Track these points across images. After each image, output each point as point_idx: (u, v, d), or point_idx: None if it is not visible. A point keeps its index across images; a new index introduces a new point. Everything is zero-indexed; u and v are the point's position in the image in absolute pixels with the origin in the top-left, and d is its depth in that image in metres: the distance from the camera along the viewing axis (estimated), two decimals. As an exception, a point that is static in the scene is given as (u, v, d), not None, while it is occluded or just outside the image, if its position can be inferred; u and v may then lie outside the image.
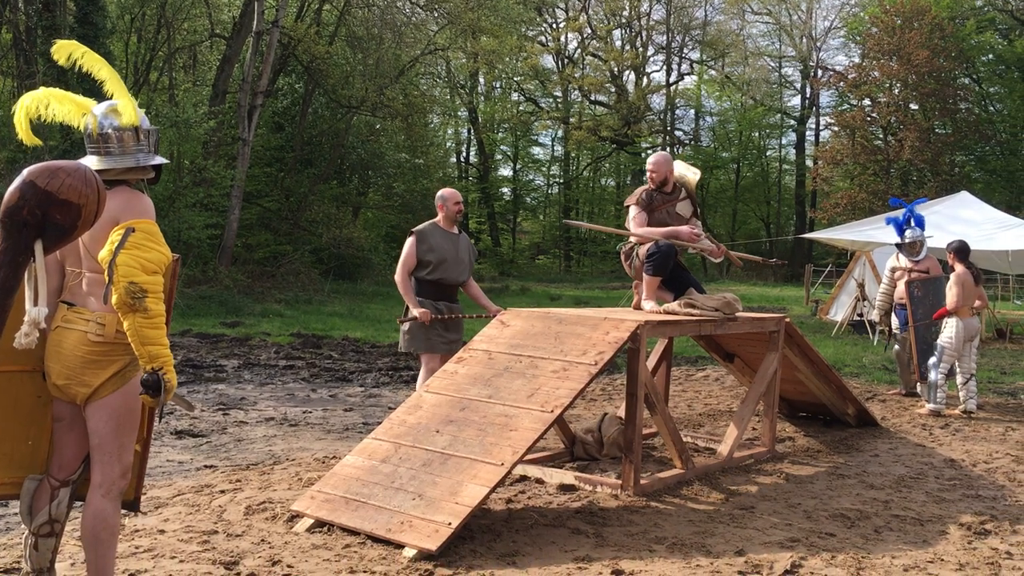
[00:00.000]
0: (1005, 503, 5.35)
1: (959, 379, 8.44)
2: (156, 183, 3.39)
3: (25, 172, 2.82)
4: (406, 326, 6.32)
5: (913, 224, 9.20)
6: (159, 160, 3.29)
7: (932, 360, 8.39)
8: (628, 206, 6.36)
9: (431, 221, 6.54)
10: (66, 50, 3.29)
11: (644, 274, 6.16)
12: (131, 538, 4.21)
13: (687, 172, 6.47)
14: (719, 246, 6.50)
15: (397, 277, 6.37)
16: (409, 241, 6.39)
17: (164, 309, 3.02)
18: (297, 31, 24.07)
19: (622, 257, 6.47)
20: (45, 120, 3.24)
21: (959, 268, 8.48)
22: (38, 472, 3.34)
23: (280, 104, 26.91)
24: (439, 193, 6.63)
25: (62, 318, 3.15)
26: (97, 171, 3.04)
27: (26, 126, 3.20)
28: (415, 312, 6.20)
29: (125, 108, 3.21)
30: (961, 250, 8.59)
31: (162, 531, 4.34)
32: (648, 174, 6.34)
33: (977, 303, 8.51)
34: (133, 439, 3.27)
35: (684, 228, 6.21)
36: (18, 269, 2.83)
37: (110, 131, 3.19)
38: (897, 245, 9.42)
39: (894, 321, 9.33)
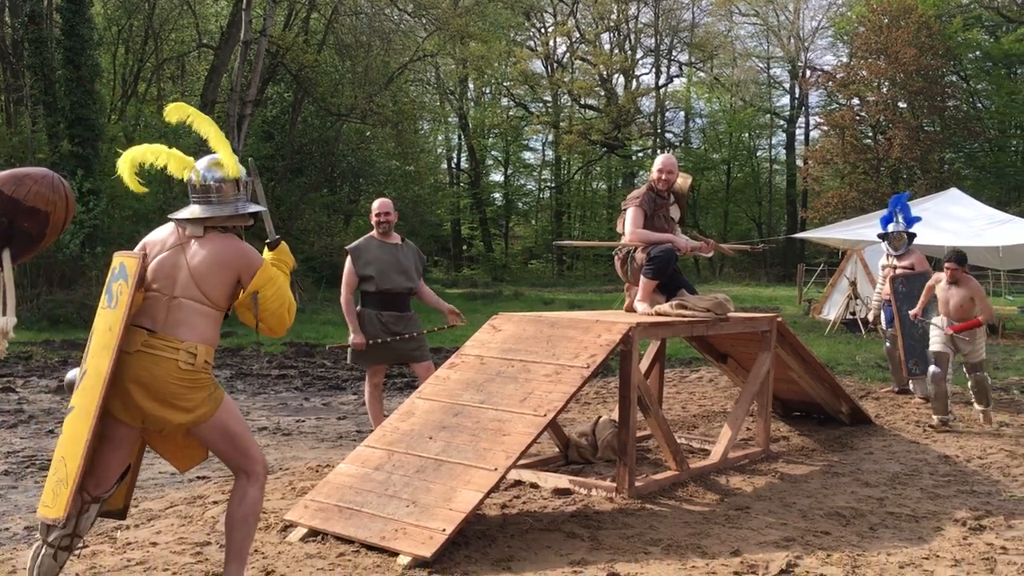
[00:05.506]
0: (1000, 498, 5.35)
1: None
2: (252, 228, 3.63)
3: None
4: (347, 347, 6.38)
5: (901, 219, 9.19)
6: (255, 208, 3.53)
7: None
8: (628, 208, 6.19)
9: (367, 235, 6.54)
10: (176, 112, 3.56)
11: (643, 276, 6.11)
12: (123, 551, 4.19)
13: (678, 178, 6.46)
14: (708, 241, 6.50)
15: (341, 298, 6.38)
16: (347, 260, 6.41)
17: (291, 297, 3.46)
18: (285, 40, 24.06)
19: (617, 261, 6.42)
20: (155, 169, 3.54)
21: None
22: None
23: (269, 113, 26.88)
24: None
25: (143, 343, 3.24)
26: (201, 219, 3.39)
27: (131, 173, 3.50)
28: (350, 338, 6.26)
29: (227, 161, 3.47)
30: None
31: (154, 543, 4.31)
32: (660, 176, 6.20)
33: None
34: (247, 436, 3.48)
35: (681, 239, 6.20)
36: None
37: (212, 183, 3.44)
38: (880, 236, 9.42)
39: (883, 318, 9.35)
